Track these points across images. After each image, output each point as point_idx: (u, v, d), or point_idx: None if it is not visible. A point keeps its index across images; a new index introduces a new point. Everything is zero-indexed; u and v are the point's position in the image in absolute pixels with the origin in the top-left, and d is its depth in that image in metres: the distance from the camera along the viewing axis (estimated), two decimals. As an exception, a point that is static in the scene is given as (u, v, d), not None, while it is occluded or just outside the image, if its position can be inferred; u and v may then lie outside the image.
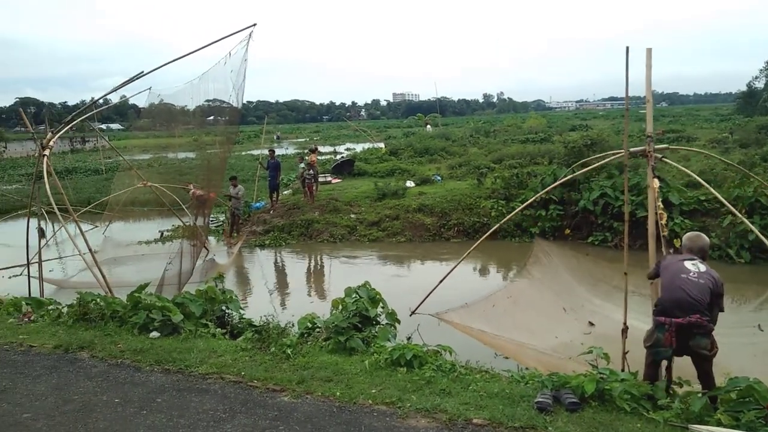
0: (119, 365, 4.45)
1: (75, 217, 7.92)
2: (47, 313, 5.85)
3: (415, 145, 29.79)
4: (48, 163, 7.56)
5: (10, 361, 4.60)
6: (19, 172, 36.66)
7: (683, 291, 4.07)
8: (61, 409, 3.76)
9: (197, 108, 12.44)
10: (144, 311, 5.32)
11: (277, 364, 4.36)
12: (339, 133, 71.63)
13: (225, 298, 6.35)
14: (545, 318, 7.53)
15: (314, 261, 15.83)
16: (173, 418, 3.58)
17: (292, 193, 21.52)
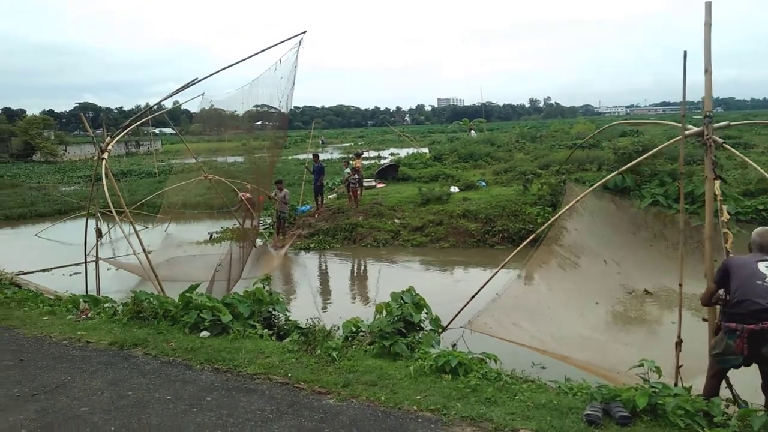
0: (171, 363, 4.59)
1: (130, 218, 8.22)
2: (104, 311, 6.08)
3: (459, 150, 29.61)
4: (106, 165, 7.88)
5: (68, 356, 4.80)
6: (78, 174, 38.24)
7: (759, 298, 3.78)
8: (116, 404, 3.89)
9: (246, 113, 12.74)
10: (195, 311, 5.46)
11: (323, 367, 4.41)
12: (383, 138, 71.92)
13: (272, 299, 6.46)
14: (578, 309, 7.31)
15: (357, 265, 15.92)
16: (222, 417, 3.66)
17: (337, 197, 21.72)
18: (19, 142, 54.70)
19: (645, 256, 8.35)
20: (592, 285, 7.79)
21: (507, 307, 6.62)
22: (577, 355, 6.12)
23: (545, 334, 6.59)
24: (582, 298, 7.64)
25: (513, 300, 6.72)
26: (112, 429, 3.55)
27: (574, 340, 6.69)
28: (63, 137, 63.77)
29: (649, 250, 8.30)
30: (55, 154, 54.45)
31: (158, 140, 67.02)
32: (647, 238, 8.42)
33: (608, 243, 7.67)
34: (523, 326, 6.66)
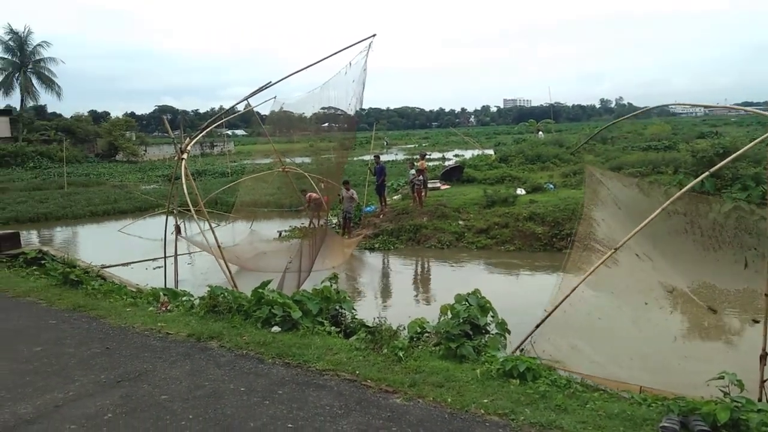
0: (244, 356, 4.76)
1: (206, 215, 8.59)
2: (182, 304, 6.39)
3: (526, 151, 29.04)
4: (185, 166, 8.27)
5: (150, 346, 5.08)
6: (157, 173, 40.21)
7: None
8: (194, 394, 4.08)
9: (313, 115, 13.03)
10: (267, 307, 5.64)
11: (390, 366, 4.45)
12: (447, 140, 71.56)
13: (339, 298, 6.58)
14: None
15: (421, 266, 15.93)
16: (293, 411, 3.77)
17: (402, 198, 21.81)
18: (103, 143, 58.12)
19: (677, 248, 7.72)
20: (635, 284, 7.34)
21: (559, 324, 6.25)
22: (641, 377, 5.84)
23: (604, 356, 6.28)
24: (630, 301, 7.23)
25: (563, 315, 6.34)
26: (190, 417, 3.73)
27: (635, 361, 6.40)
28: (144, 138, 67.32)
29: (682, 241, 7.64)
30: (136, 154, 57.50)
31: (231, 141, 69.60)
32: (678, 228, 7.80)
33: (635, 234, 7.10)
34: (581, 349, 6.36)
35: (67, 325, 5.67)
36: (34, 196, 27.88)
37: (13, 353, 4.94)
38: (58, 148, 46.68)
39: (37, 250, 8.14)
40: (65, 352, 4.94)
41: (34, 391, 4.17)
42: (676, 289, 7.29)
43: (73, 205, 25.16)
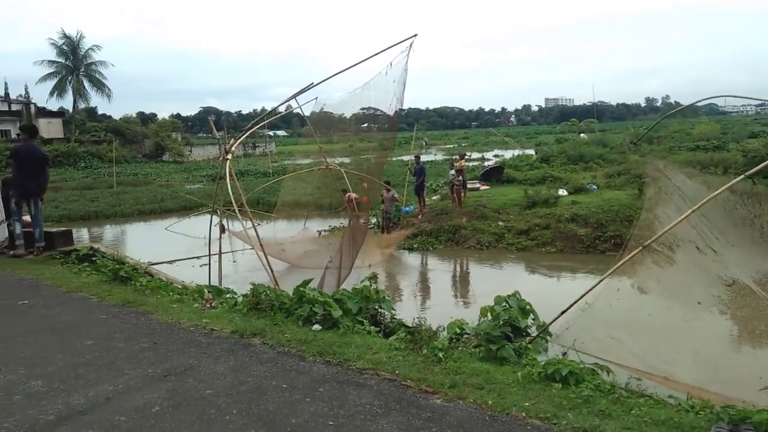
0: (286, 353, 4.84)
1: (250, 215, 8.77)
2: (225, 301, 6.53)
3: (568, 151, 28.56)
4: (230, 166, 8.47)
5: (195, 342, 5.21)
6: (201, 173, 41.22)
7: None
8: (238, 389, 4.17)
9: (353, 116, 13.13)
10: (308, 305, 5.72)
11: (429, 367, 4.45)
12: (487, 140, 70.92)
13: (378, 297, 6.62)
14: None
15: (460, 266, 15.86)
16: (334, 408, 3.81)
17: (441, 198, 21.75)
18: (151, 144, 59.92)
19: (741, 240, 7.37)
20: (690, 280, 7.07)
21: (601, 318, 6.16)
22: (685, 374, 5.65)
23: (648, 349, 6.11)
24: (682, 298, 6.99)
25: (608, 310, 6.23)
26: (234, 412, 3.81)
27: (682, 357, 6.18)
28: (189, 139, 69.14)
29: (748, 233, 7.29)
30: (181, 154, 59.07)
31: (272, 142, 70.75)
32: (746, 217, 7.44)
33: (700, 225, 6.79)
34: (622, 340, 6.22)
35: (116, 320, 5.87)
36: (85, 195, 29.00)
37: (67, 346, 5.14)
38: (107, 149, 48.41)
39: (88, 247, 8.45)
40: (115, 346, 5.11)
41: (86, 383, 4.33)
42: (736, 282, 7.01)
43: (122, 204, 26.07)
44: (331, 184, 16.62)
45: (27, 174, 8.86)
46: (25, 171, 8.86)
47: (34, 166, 8.96)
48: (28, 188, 8.90)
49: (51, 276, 7.61)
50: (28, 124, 9.53)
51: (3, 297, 6.76)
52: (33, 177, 8.95)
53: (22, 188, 8.85)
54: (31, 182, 8.93)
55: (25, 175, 8.84)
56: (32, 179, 8.94)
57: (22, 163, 8.87)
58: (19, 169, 8.84)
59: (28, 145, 9.18)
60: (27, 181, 8.85)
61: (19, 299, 6.63)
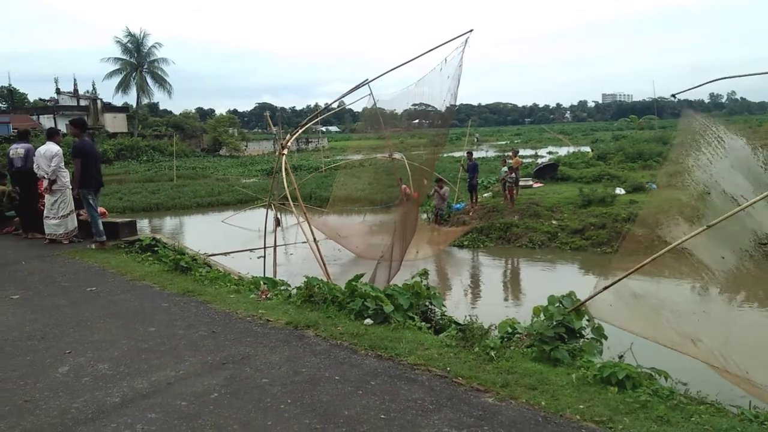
0: (339, 346, 4.92)
1: (304, 209, 8.94)
2: (280, 293, 6.68)
3: (626, 149, 27.67)
4: (285, 161, 8.64)
5: (252, 332, 5.36)
6: (256, 168, 42.14)
7: None
8: (292, 379, 4.27)
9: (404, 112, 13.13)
10: (360, 299, 5.79)
11: (481, 365, 4.44)
12: (541, 137, 69.58)
13: (429, 294, 6.62)
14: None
15: (511, 265, 15.66)
16: (385, 402, 3.85)
17: (492, 195, 21.52)
18: (209, 138, 61.78)
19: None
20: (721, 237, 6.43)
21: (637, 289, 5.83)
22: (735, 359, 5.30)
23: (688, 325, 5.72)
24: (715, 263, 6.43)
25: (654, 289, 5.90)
26: (289, 401, 3.91)
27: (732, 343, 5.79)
28: (245, 134, 70.87)
29: None
30: (238, 149, 60.63)
31: (325, 138, 71.66)
32: None
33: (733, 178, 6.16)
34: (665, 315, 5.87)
35: (177, 308, 6.10)
36: (147, 187, 30.21)
37: (131, 332, 5.39)
38: (168, 143, 50.24)
39: (151, 238, 8.80)
40: (176, 334, 5.32)
41: (149, 368, 4.53)
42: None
43: (181, 197, 27.01)
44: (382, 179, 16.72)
45: (95, 168, 9.24)
46: (94, 164, 9.24)
47: (96, 160, 9.33)
48: (96, 182, 9.27)
49: (116, 264, 7.99)
50: (80, 119, 9.93)
51: (73, 283, 7.15)
52: (97, 171, 9.34)
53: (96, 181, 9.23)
54: (96, 176, 9.30)
55: (94, 168, 9.21)
56: (97, 173, 9.31)
57: (90, 157, 9.19)
58: (89, 163, 9.13)
59: (88, 141, 9.54)
60: (94, 174, 9.19)
61: (87, 286, 6.99)
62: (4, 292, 6.80)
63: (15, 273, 7.78)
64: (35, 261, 8.39)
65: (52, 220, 9.26)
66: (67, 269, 7.87)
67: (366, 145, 21.03)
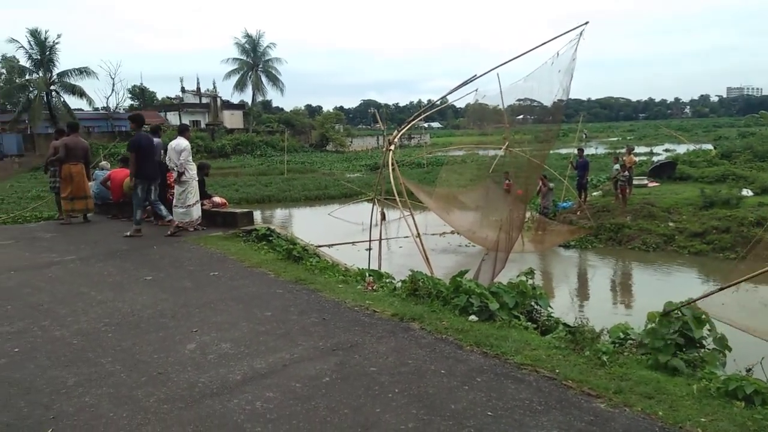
0: (443, 340, 4.97)
1: (409, 204, 9.07)
2: (385, 285, 6.85)
3: (755, 147, 25.35)
4: (392, 157, 8.81)
5: (359, 321, 5.55)
6: (360, 163, 43.18)
7: None
8: (399, 369, 4.38)
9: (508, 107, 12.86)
10: (464, 295, 5.80)
11: (592, 369, 4.30)
12: (656, 133, 65.37)
13: (534, 293, 6.50)
14: None
15: (621, 268, 14.93)
16: (491, 399, 3.85)
17: (602, 194, 20.61)
18: (316, 134, 64.17)
19: None
20: None
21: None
22: None
23: None
24: None
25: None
26: (396, 391, 4.02)
27: None
28: (350, 130, 72.90)
29: None
30: (343, 144, 62.47)
31: (427, 134, 71.93)
32: None
33: None
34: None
35: (290, 295, 6.44)
36: (260, 180, 31.99)
37: (250, 315, 5.76)
38: (280, 139, 52.74)
39: (266, 228, 9.32)
40: (290, 319, 5.62)
41: (267, 350, 4.83)
42: None
43: (291, 190, 28.33)
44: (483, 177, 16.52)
45: (151, 160, 10.06)
46: (148, 158, 10.02)
47: (152, 153, 10.13)
48: (151, 174, 10.09)
49: (236, 252, 8.55)
50: (137, 115, 10.90)
51: (198, 267, 7.76)
52: (154, 162, 10.15)
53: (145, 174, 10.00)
54: (152, 168, 10.13)
55: (149, 161, 10.01)
56: (153, 165, 10.13)
57: (144, 151, 9.95)
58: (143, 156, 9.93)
59: (144, 135, 10.26)
60: (149, 166, 10.02)
61: (210, 270, 7.55)
62: (140, 273, 7.52)
63: (148, 256, 8.58)
64: (165, 246, 9.19)
65: (180, 209, 10.08)
66: (193, 254, 8.54)
67: (469, 141, 20.86)
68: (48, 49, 50.87)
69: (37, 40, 50.43)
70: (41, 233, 11.10)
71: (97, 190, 12.91)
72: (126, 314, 5.87)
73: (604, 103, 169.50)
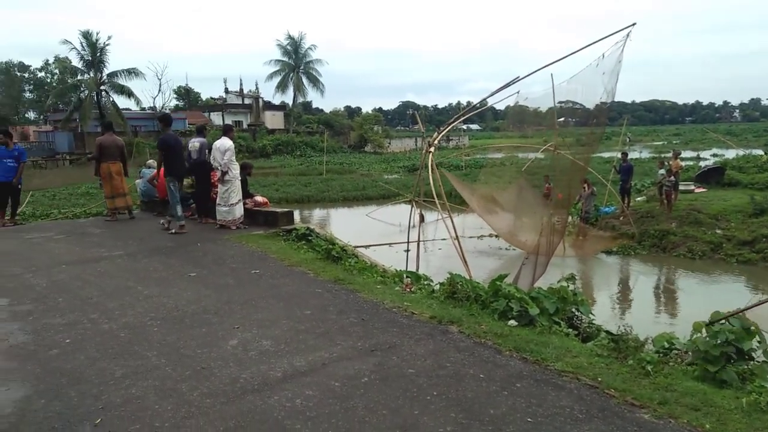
0: (482, 344, 4.94)
1: (448, 207, 9.04)
2: (423, 287, 6.85)
3: (812, 152, 24.30)
4: (432, 159, 8.80)
5: (397, 322, 5.56)
6: (398, 165, 43.27)
7: None
8: (437, 372, 4.37)
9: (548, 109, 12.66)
10: (504, 299, 5.75)
11: (636, 379, 4.21)
12: (704, 137, 63.40)
13: (575, 300, 6.40)
14: None
15: (665, 276, 14.53)
16: (531, 406, 3.81)
17: (646, 200, 20.10)
18: (355, 136, 64.63)
19: None
20: None
21: None
22: None
23: None
24: None
25: None
26: (434, 393, 4.01)
27: None
28: (388, 132, 73.11)
29: None
30: (381, 146, 62.74)
31: (466, 136, 71.55)
32: None
33: None
34: None
35: (329, 294, 6.50)
36: (299, 180, 32.41)
37: (290, 313, 5.84)
38: (319, 139, 53.35)
39: (305, 227, 9.44)
40: (329, 318, 5.68)
41: (306, 348, 4.89)
42: None
43: (330, 190, 28.59)
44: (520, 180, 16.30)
45: (176, 159, 10.46)
46: (174, 156, 10.43)
47: (178, 152, 10.54)
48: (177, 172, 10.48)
49: (276, 250, 8.69)
50: (166, 115, 11.39)
51: (240, 265, 7.91)
52: (179, 161, 10.55)
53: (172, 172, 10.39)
54: (178, 166, 10.50)
55: (175, 160, 10.42)
56: (179, 164, 10.53)
57: (171, 150, 10.37)
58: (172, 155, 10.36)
59: (172, 135, 10.69)
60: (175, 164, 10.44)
61: (251, 268, 7.69)
62: (184, 270, 7.72)
63: (192, 253, 8.79)
64: (208, 243, 9.41)
65: (223, 208, 10.30)
66: (235, 252, 8.72)
67: (508, 143, 20.65)
68: (99, 50, 52.64)
69: (88, 42, 52.26)
70: (91, 228, 11.52)
71: (144, 188, 13.32)
72: (171, 309, 6.04)
73: (649, 106, 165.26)
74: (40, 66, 73.60)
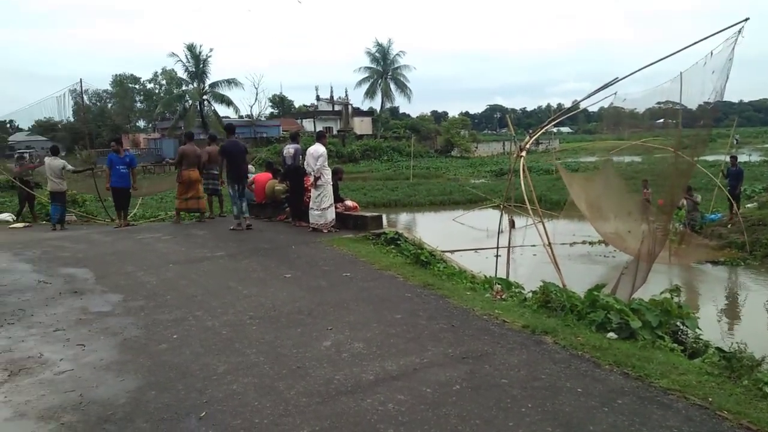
0: (579, 357, 4.75)
1: (540, 213, 8.80)
2: (515, 295, 6.70)
3: None
4: (524, 163, 8.60)
5: (488, 330, 5.47)
6: (485, 169, 42.75)
7: None
8: (531, 384, 4.25)
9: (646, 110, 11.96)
10: (602, 311, 5.51)
11: (752, 401, 3.89)
12: (829, 138, 57.55)
13: (681, 313, 6.02)
14: None
15: (783, 290, 13.32)
16: (635, 424, 3.61)
17: (758, 206, 18.58)
18: (442, 140, 64.59)
19: None
20: None
21: None
22: None
23: None
24: None
25: None
26: (529, 405, 3.90)
27: None
28: (475, 136, 72.40)
29: None
30: (468, 150, 62.26)
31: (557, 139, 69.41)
32: None
33: None
34: None
35: (419, 299, 6.51)
36: (387, 185, 32.79)
37: (381, 317, 5.90)
38: (406, 144, 53.71)
39: (394, 232, 9.52)
40: (419, 323, 5.68)
41: (397, 353, 4.92)
42: None
43: (416, 195, 28.74)
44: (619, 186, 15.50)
45: (234, 165, 11.40)
46: (233, 162, 11.39)
47: (237, 158, 11.42)
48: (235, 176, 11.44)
49: (366, 254, 8.83)
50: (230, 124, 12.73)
51: (332, 268, 8.11)
52: (237, 167, 11.40)
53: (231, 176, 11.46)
54: (236, 171, 11.40)
55: (233, 165, 11.39)
56: (236, 169, 11.40)
57: (230, 156, 11.40)
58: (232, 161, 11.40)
59: (232, 142, 11.74)
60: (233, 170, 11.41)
61: (342, 271, 7.86)
62: (280, 271, 8.02)
63: (287, 255, 9.12)
64: (302, 246, 9.73)
65: (316, 212, 10.62)
66: (327, 255, 8.95)
67: (602, 146, 19.76)
68: (202, 62, 56.02)
69: (192, 54, 55.76)
70: (194, 230, 12.25)
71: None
72: (268, 309, 6.29)
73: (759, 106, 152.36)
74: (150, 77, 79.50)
